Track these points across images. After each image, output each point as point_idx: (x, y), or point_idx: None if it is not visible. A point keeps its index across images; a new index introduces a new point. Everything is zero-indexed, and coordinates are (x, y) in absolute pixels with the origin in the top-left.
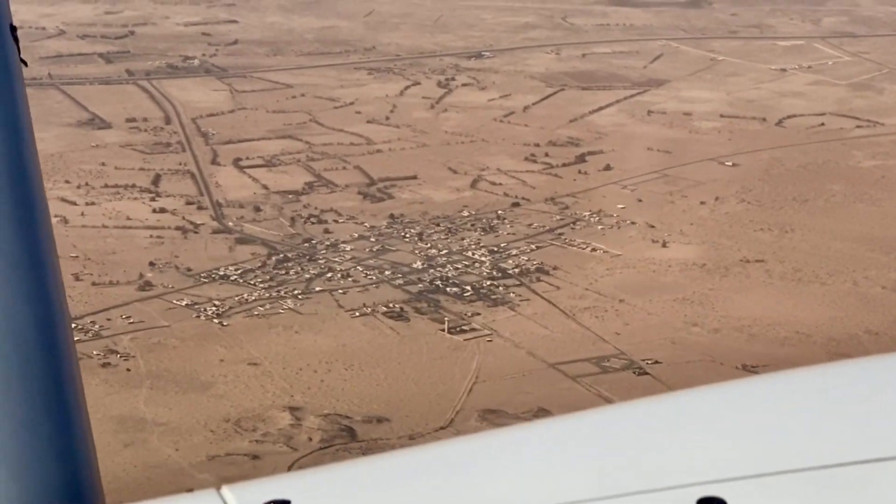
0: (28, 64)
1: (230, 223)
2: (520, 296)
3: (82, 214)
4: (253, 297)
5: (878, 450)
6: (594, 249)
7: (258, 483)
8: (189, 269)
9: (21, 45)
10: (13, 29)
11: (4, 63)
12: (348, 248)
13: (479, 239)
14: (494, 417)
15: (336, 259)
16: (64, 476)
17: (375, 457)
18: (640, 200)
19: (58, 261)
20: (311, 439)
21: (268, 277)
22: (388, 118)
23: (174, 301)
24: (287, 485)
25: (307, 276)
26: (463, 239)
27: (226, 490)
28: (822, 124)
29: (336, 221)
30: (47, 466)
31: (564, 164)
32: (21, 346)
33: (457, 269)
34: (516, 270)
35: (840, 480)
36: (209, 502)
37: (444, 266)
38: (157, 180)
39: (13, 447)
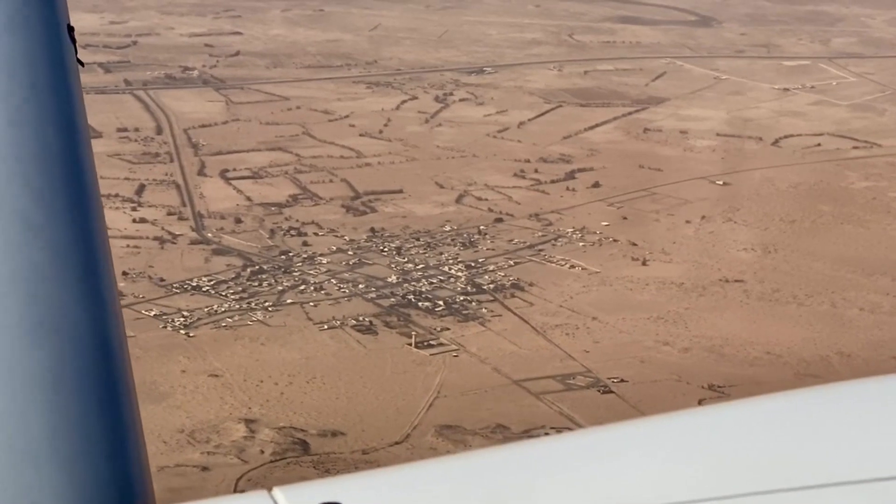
0: (85, 64)
1: (209, 234)
2: (492, 311)
3: None
4: (223, 309)
5: None
6: (573, 266)
7: (309, 485)
8: (162, 280)
9: None
10: (70, 29)
11: (62, 63)
12: (325, 261)
13: (457, 254)
14: (451, 433)
15: (311, 272)
16: (115, 474)
17: (430, 461)
18: (624, 218)
19: (111, 261)
20: (262, 452)
21: (240, 289)
22: (381, 132)
23: (143, 311)
24: (338, 487)
25: (280, 288)
26: (441, 254)
27: (277, 491)
28: (819, 145)
29: (316, 234)
30: (99, 465)
31: (553, 181)
32: (75, 344)
33: (431, 283)
34: (491, 286)
35: None
36: (261, 503)
37: (418, 280)
38: (140, 190)
39: (66, 445)
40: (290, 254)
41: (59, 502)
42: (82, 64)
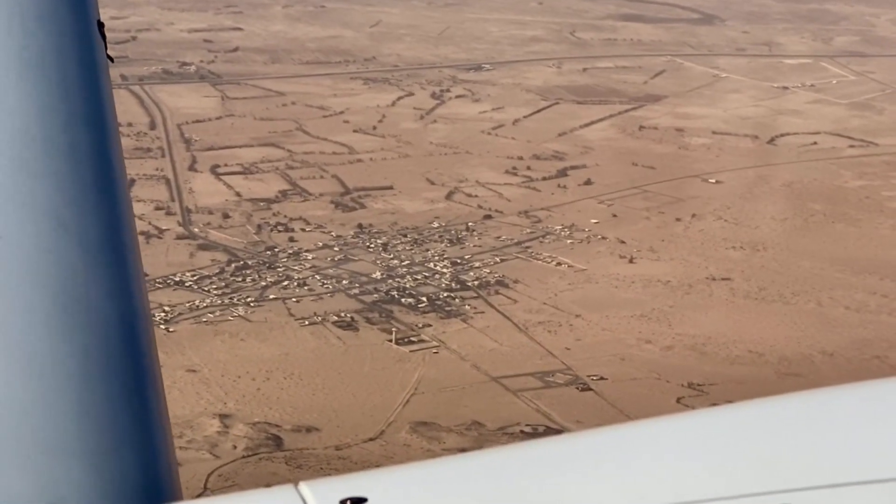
0: (114, 60)
1: (196, 230)
2: (475, 308)
3: None
4: (205, 304)
5: None
6: (559, 264)
7: (336, 480)
8: (146, 275)
9: None
10: (101, 25)
11: (92, 59)
12: (310, 257)
13: (444, 250)
14: (426, 430)
15: (296, 267)
16: (142, 469)
17: (456, 456)
18: (614, 216)
19: (140, 257)
20: (235, 447)
21: (223, 284)
22: (374, 128)
23: None
24: (365, 482)
25: (263, 283)
26: (428, 250)
27: (304, 486)
28: (815, 143)
29: (303, 230)
30: (126, 459)
31: (545, 178)
32: (104, 340)
33: (416, 280)
34: (476, 283)
35: None
36: (287, 498)
37: (403, 277)
38: (130, 185)
39: (94, 440)
40: (276, 249)
41: (86, 496)
42: (112, 60)
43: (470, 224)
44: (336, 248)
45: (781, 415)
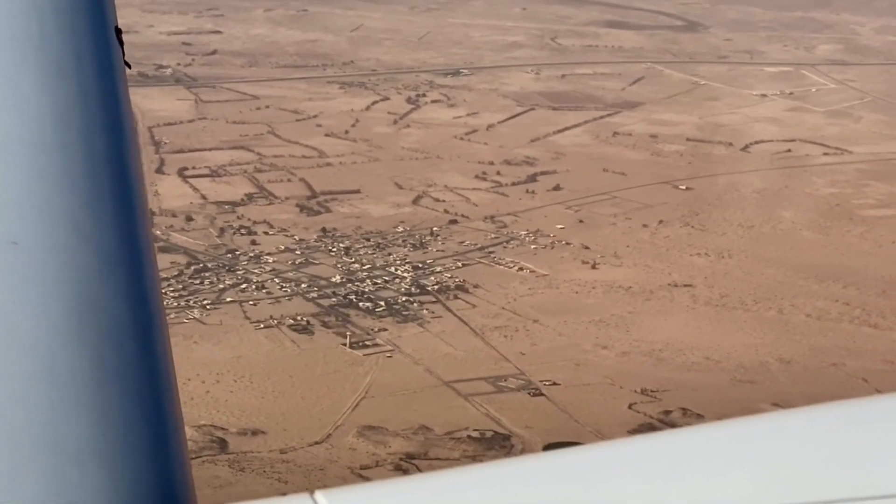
0: (131, 66)
1: (158, 232)
2: (433, 313)
3: None
4: None
5: None
6: (521, 269)
7: (351, 489)
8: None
9: None
10: (118, 31)
11: (109, 65)
12: (271, 260)
13: (406, 255)
14: (373, 434)
15: (255, 270)
16: (157, 473)
17: (474, 466)
18: (581, 221)
19: (156, 261)
20: None
21: (180, 287)
22: (347, 132)
23: None
24: (380, 491)
25: (221, 286)
26: (390, 255)
27: (319, 495)
28: (789, 150)
29: (266, 233)
30: (141, 464)
31: (514, 183)
32: (120, 345)
33: (376, 284)
34: (436, 287)
35: None
36: None
37: (363, 281)
38: None
39: (109, 444)
40: (237, 252)
41: (102, 500)
42: (129, 66)
43: (435, 229)
44: (298, 252)
45: (818, 425)
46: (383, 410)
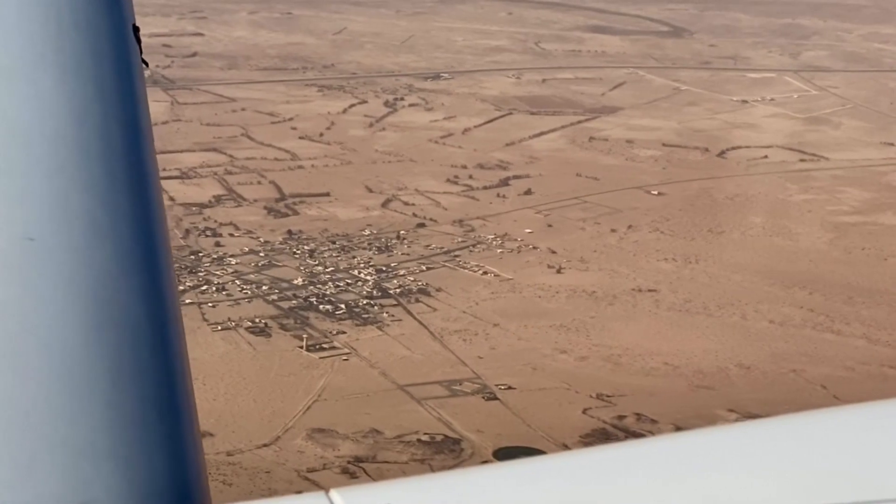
0: (149, 65)
1: None
2: (393, 316)
3: None
4: None
5: None
6: (485, 273)
7: (366, 487)
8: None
9: None
10: (136, 29)
11: (127, 63)
12: (234, 262)
13: (370, 258)
14: (322, 437)
15: (217, 272)
16: (172, 472)
17: (492, 465)
18: (549, 226)
19: (172, 260)
20: None
21: None
22: (321, 135)
23: None
24: (395, 490)
25: (181, 288)
26: (354, 258)
27: (334, 493)
28: (766, 157)
29: (231, 235)
30: (156, 462)
31: (485, 187)
32: (135, 343)
33: (337, 286)
34: (398, 291)
35: None
36: None
37: (325, 283)
38: None
39: (124, 442)
40: (200, 254)
41: (116, 497)
42: (146, 64)
43: (402, 232)
44: (262, 254)
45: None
46: (335, 413)
